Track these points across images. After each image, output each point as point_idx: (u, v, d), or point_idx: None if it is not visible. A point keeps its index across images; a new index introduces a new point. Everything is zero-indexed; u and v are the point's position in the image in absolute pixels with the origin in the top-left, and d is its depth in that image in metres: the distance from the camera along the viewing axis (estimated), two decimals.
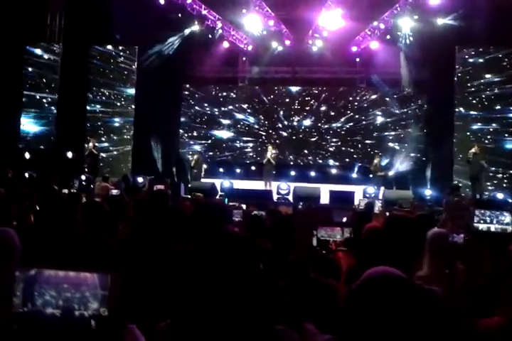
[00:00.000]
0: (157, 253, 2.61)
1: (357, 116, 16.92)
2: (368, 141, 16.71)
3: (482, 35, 12.54)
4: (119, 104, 15.21)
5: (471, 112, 13.66)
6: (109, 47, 15.13)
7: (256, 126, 17.62)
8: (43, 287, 1.04)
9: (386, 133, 16.47)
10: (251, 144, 17.58)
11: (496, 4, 11.99)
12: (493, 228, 3.92)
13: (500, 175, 12.98)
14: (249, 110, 17.70)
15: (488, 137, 13.35)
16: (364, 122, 16.83)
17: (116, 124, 15.23)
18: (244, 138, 17.61)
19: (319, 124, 17.22)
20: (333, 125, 17.10)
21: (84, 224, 2.89)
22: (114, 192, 9.33)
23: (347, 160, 16.85)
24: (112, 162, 14.91)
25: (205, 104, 17.82)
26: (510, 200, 11.34)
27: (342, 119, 17.07)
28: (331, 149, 17.13)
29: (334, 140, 17.09)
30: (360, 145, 16.79)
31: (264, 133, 17.53)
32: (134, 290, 1.03)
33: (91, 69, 15.07)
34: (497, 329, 1.66)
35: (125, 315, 1.05)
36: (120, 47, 15.13)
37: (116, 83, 15.14)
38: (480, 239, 3.24)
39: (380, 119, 16.64)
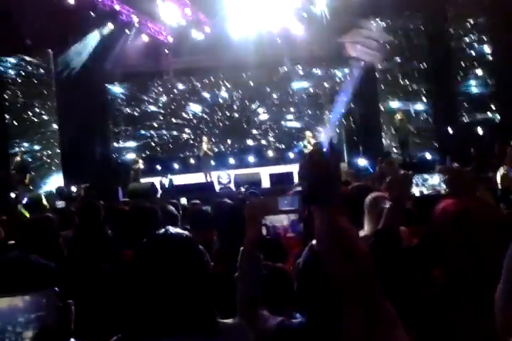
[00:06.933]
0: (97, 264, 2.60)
1: (285, 94, 17.18)
2: (299, 120, 17.06)
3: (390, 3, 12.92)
4: (41, 113, 14.38)
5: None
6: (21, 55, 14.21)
7: (187, 118, 17.48)
8: None
9: (317, 110, 16.87)
10: (185, 137, 17.44)
11: None
12: (425, 191, 4.19)
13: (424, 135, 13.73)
14: (175, 103, 17.50)
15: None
16: (292, 99, 17.13)
17: (48, 133, 14.38)
18: (176, 133, 17.42)
19: (252, 108, 17.33)
20: (265, 106, 17.29)
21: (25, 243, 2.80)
22: (59, 203, 9.21)
23: (283, 139, 17.12)
24: (41, 172, 13.99)
25: (132, 103, 17.45)
26: (437, 160, 11.93)
27: (272, 100, 17.28)
28: (266, 131, 17.34)
29: (268, 122, 17.30)
30: (291, 124, 17.14)
31: (196, 125, 17.44)
32: (79, 306, 1.00)
33: (4, 81, 14.20)
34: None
35: (67, 332, 1.02)
36: (33, 55, 14.22)
37: (35, 91, 14.27)
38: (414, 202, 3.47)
39: (310, 94, 16.99)
